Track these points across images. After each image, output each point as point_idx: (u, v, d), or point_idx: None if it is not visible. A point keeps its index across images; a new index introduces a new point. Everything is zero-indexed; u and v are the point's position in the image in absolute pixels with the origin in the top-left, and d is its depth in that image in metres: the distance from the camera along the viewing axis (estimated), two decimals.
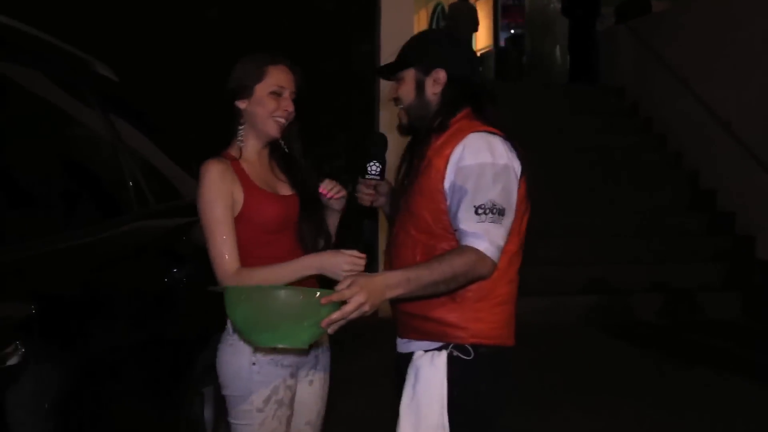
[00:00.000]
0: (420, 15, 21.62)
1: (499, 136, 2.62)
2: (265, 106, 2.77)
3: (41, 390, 2.20)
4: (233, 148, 2.84)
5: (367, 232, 2.92)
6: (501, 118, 2.75)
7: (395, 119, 2.84)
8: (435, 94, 2.71)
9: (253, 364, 2.73)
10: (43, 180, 2.71)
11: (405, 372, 2.67)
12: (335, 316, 2.30)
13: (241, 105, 2.81)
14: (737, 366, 6.59)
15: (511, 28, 19.76)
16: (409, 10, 8.93)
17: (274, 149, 2.90)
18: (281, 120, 2.79)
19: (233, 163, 2.78)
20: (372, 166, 2.85)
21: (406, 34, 8.83)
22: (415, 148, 2.71)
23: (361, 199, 2.88)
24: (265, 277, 2.64)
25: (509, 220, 2.57)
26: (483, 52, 19.07)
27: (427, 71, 2.71)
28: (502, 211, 2.52)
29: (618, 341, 7.46)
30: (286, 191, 2.86)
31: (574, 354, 7.00)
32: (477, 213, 2.51)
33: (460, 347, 2.60)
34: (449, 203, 2.58)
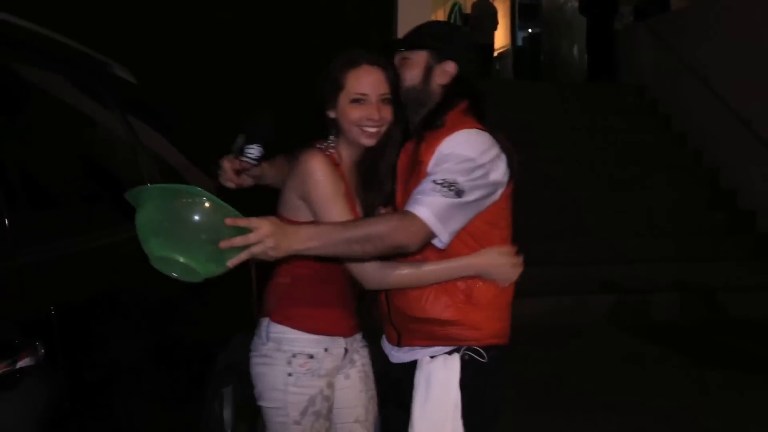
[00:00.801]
0: (437, 15, 21.61)
1: (489, 135, 2.52)
2: (348, 116, 2.57)
3: (61, 391, 2.20)
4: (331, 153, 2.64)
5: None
6: (494, 119, 2.66)
7: None
8: (440, 85, 2.63)
9: (289, 375, 2.62)
10: (62, 182, 2.71)
11: (405, 379, 2.61)
12: (237, 240, 2.14)
13: (331, 115, 2.63)
14: (761, 366, 6.53)
15: (529, 27, 19.71)
16: (426, 9, 8.95)
17: (361, 161, 2.68)
18: (370, 129, 2.56)
19: (337, 167, 2.61)
20: (251, 150, 2.65)
21: None
22: (408, 147, 2.63)
23: (224, 179, 2.76)
24: (412, 271, 2.52)
25: (469, 210, 2.44)
26: (500, 51, 19.03)
27: (439, 59, 2.63)
28: (460, 192, 2.39)
29: (639, 340, 7.41)
30: (357, 210, 2.64)
31: (595, 353, 6.96)
32: (433, 183, 2.40)
33: (474, 350, 2.56)
34: None
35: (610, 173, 10.04)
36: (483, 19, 15.66)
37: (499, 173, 2.49)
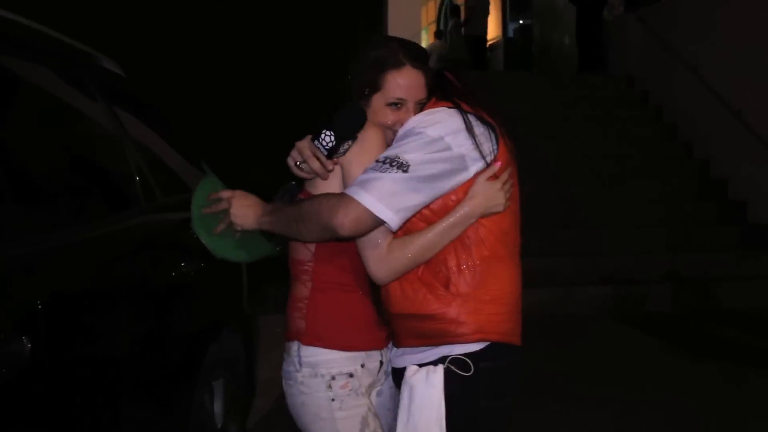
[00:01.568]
0: (429, 7, 21.58)
1: (456, 111, 2.35)
2: (381, 118, 2.41)
3: (49, 385, 2.19)
4: None
5: (290, 196, 2.49)
6: (478, 96, 2.47)
7: None
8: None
9: (332, 400, 2.41)
10: (49, 175, 2.69)
11: (398, 386, 2.46)
12: (213, 207, 2.50)
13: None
14: (751, 355, 6.56)
15: (520, 19, 19.73)
16: (416, 1, 8.92)
17: None
18: (399, 129, 2.40)
19: None
20: (326, 136, 2.33)
21: (413, 26, 8.83)
22: None
23: (294, 166, 2.42)
24: (416, 248, 2.32)
25: (423, 186, 2.24)
26: (492, 42, 19.04)
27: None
28: (403, 167, 2.22)
29: (632, 331, 7.43)
30: None
31: (588, 344, 6.97)
32: (374, 163, 2.27)
33: (458, 361, 2.34)
34: None
35: (600, 165, 10.05)
36: (477, 10, 15.68)
37: (466, 147, 2.31)
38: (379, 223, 2.24)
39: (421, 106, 2.42)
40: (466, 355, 2.35)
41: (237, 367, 3.79)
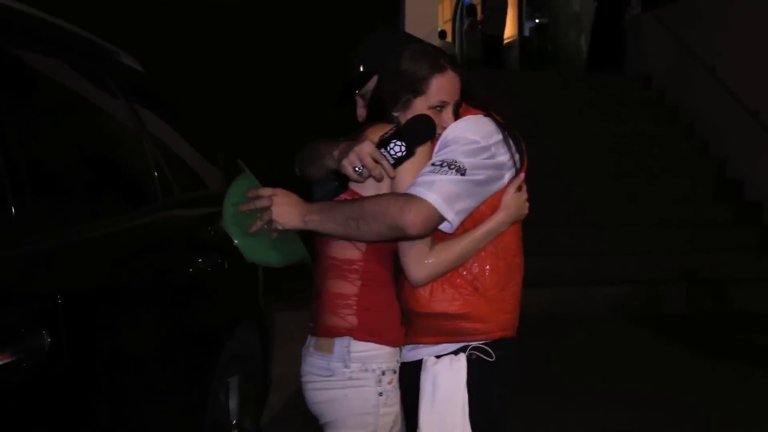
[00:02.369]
0: (444, 4, 21.56)
1: (492, 121, 2.47)
2: None
3: (67, 379, 2.20)
4: None
5: (329, 195, 2.44)
6: (496, 105, 2.57)
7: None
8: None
9: (380, 394, 2.45)
10: (68, 170, 2.70)
11: (408, 380, 2.52)
12: (249, 204, 2.39)
13: (396, 114, 2.49)
14: (765, 356, 6.53)
15: (536, 18, 19.69)
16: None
17: None
18: (438, 133, 2.46)
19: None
20: (396, 146, 2.34)
21: (430, 23, 8.83)
22: None
23: (352, 171, 2.36)
24: (454, 252, 2.42)
25: (476, 190, 2.36)
26: (508, 41, 19.02)
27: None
28: (462, 170, 2.31)
29: (646, 331, 7.42)
30: None
31: (602, 344, 6.96)
32: (431, 166, 2.34)
33: (481, 349, 2.48)
34: None
35: (617, 164, 10.02)
36: (496, 10, 15.67)
37: (505, 156, 2.44)
38: (440, 223, 2.34)
39: (456, 108, 2.49)
40: (486, 345, 2.50)
41: (252, 364, 3.80)
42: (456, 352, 2.49)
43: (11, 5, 2.61)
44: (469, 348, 2.48)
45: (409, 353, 2.55)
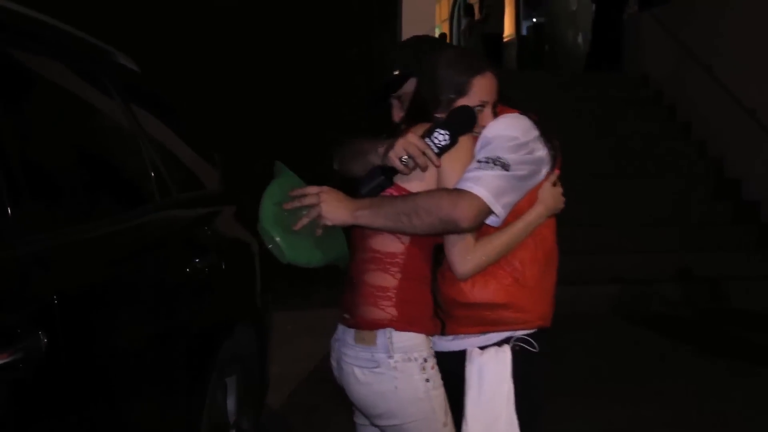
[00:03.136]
0: (441, 4, 21.56)
1: (530, 120, 2.60)
2: None
3: (64, 379, 2.20)
4: None
5: (374, 189, 2.49)
6: (530, 106, 2.71)
7: None
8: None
9: (426, 380, 2.52)
10: (64, 170, 2.70)
11: (452, 369, 2.57)
12: (295, 202, 2.46)
13: (438, 115, 2.57)
14: (763, 354, 6.53)
15: (533, 17, 19.70)
16: (431, 0, 8.91)
17: None
18: (476, 134, 2.56)
19: None
20: (440, 134, 2.44)
21: (427, 23, 8.83)
22: None
23: (398, 161, 2.44)
24: (499, 245, 2.53)
25: (519, 185, 2.48)
26: (506, 40, 19.03)
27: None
28: (506, 166, 2.42)
29: (643, 330, 7.42)
30: None
31: (598, 342, 6.97)
32: (477, 162, 2.45)
33: (524, 340, 2.59)
34: None
35: (614, 163, 10.03)
36: (494, 8, 15.69)
37: (542, 152, 2.56)
38: (488, 216, 2.45)
39: (494, 107, 2.60)
40: (528, 335, 2.61)
41: (250, 364, 3.80)
42: (500, 344, 2.58)
43: (7, 6, 2.61)
44: (513, 339, 2.58)
45: (451, 343, 2.63)
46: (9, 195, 2.17)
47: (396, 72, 2.78)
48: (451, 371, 2.57)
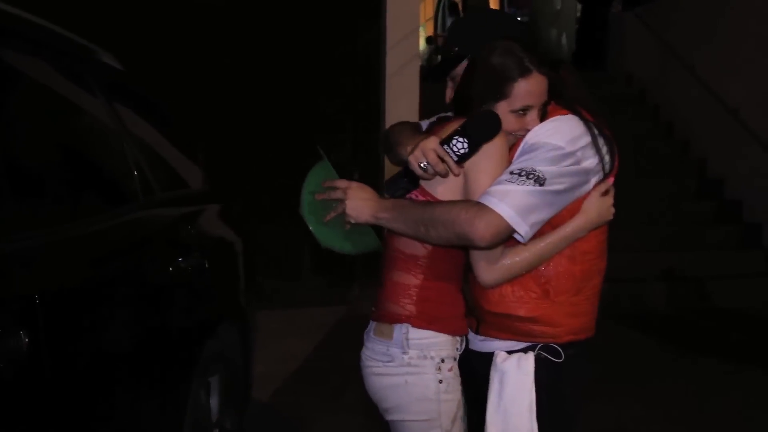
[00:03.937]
0: (426, 3, 21.55)
1: (580, 121, 2.40)
2: (505, 126, 2.37)
3: (46, 379, 2.19)
4: None
5: (399, 191, 2.46)
6: (588, 101, 2.52)
7: (401, 108, 2.70)
8: None
9: (440, 382, 2.47)
10: (47, 169, 2.69)
11: (481, 370, 2.53)
12: (325, 194, 2.44)
13: (470, 113, 2.43)
14: (746, 354, 6.56)
15: (518, 16, 19.70)
16: None
17: None
18: (521, 134, 2.41)
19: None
20: (458, 142, 2.31)
21: (411, 21, 8.82)
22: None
23: (418, 167, 2.37)
24: (528, 257, 2.40)
25: (555, 200, 2.30)
26: None
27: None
28: (540, 180, 2.24)
29: (627, 329, 7.42)
30: None
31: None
32: (509, 174, 2.28)
33: (548, 348, 2.46)
34: None
35: None
36: (479, 8, 15.69)
37: (592, 161, 2.38)
38: (511, 234, 2.29)
39: (543, 108, 2.42)
40: (557, 345, 2.47)
41: (233, 363, 3.79)
42: (525, 351, 2.47)
43: None
44: (538, 348, 2.46)
45: (481, 343, 2.57)
46: None
47: (454, 50, 2.60)
48: (480, 372, 2.53)
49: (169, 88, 4.67)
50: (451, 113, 2.58)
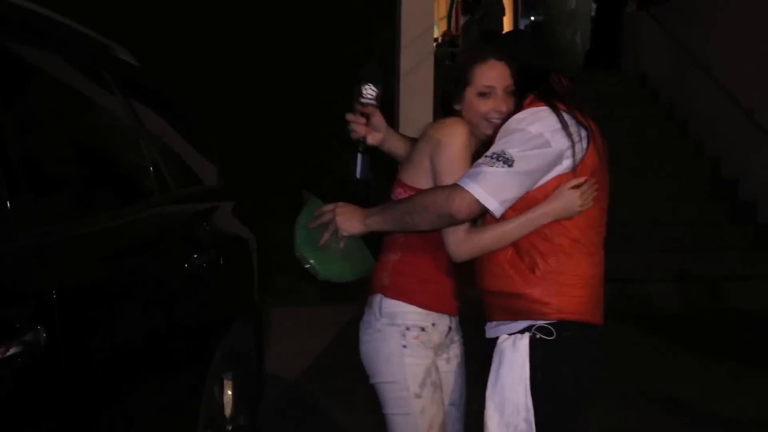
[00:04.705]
0: (439, 3, 21.53)
1: (551, 111, 2.62)
2: (476, 109, 2.73)
3: (62, 374, 2.20)
4: None
5: (361, 166, 2.91)
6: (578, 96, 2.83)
7: (415, 106, 2.91)
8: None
9: (404, 346, 2.75)
10: (64, 165, 2.70)
11: (490, 357, 2.70)
12: (317, 221, 2.75)
13: (457, 107, 2.78)
14: (762, 356, 6.53)
15: (532, 16, 19.67)
16: None
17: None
18: (495, 120, 2.71)
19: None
20: (367, 89, 2.82)
21: (426, 19, 8.82)
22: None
23: (353, 130, 2.91)
24: (494, 235, 2.65)
25: (524, 179, 2.54)
26: None
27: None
28: (509, 161, 2.50)
29: (639, 330, 7.40)
30: None
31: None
32: (484, 157, 2.56)
33: (543, 329, 2.62)
34: None
35: (611, 162, 9.99)
36: (493, 5, 15.64)
37: (562, 143, 2.59)
38: (484, 208, 2.53)
39: (513, 96, 2.72)
40: (550, 324, 2.63)
41: (247, 360, 3.79)
42: (522, 332, 2.64)
43: None
44: (534, 328, 2.62)
45: (491, 330, 2.76)
46: (8, 189, 2.17)
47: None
48: (489, 357, 2.71)
49: (184, 85, 4.67)
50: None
